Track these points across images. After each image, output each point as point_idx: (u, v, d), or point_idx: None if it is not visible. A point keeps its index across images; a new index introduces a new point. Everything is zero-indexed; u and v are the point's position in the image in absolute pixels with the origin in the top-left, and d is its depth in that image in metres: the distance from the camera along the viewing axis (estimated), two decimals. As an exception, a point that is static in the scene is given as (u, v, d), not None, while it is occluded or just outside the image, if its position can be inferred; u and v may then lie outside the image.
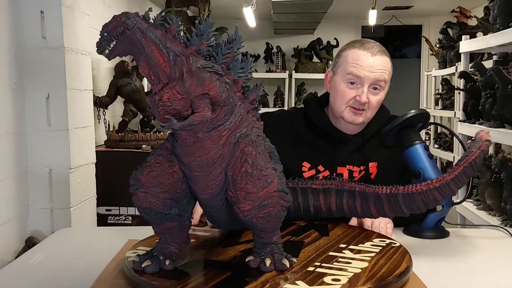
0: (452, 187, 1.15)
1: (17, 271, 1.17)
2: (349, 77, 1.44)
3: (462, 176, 1.16)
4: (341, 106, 1.46)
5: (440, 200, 1.16)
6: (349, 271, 0.98)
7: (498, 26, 2.35)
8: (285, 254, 1.00)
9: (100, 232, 1.62)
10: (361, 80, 1.42)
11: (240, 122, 0.95)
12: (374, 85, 1.43)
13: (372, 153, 1.52)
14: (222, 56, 0.92)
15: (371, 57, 1.42)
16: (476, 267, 1.22)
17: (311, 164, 1.51)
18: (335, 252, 1.09)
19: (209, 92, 0.88)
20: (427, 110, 3.60)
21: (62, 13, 2.01)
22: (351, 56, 1.44)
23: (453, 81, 4.99)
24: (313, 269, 0.99)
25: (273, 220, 0.96)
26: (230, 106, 0.92)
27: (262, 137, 0.99)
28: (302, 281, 0.93)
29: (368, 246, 1.14)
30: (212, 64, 0.90)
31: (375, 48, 1.44)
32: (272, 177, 0.94)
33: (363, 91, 1.42)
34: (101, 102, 2.76)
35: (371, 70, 1.41)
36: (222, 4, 5.12)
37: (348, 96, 1.44)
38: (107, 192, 2.61)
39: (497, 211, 2.39)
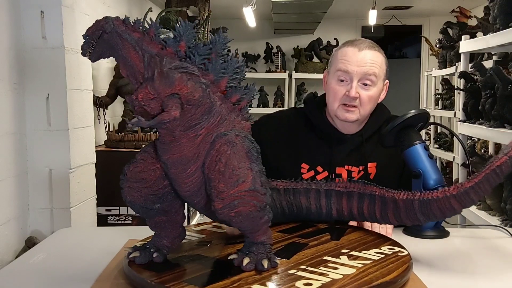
0: (471, 195, 1.05)
1: (17, 271, 1.17)
2: (338, 73, 1.45)
3: (484, 184, 1.04)
4: (334, 104, 1.47)
5: (458, 209, 1.07)
6: (330, 276, 0.96)
7: (498, 26, 2.35)
8: (270, 255, 1.00)
9: (100, 232, 1.62)
10: (349, 75, 1.43)
11: (220, 121, 0.97)
12: (363, 80, 1.43)
13: (371, 153, 1.52)
14: (200, 57, 0.95)
15: (359, 52, 1.43)
16: (476, 267, 1.22)
17: (310, 165, 1.50)
18: (331, 257, 1.07)
19: (179, 92, 0.91)
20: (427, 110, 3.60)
21: (62, 13, 2.01)
22: (340, 54, 1.47)
23: (453, 81, 5.00)
24: (294, 272, 0.98)
25: (246, 219, 0.96)
26: (207, 106, 0.95)
27: (241, 137, 0.98)
28: (273, 283, 0.93)
29: (371, 253, 1.09)
30: (186, 65, 0.94)
31: (364, 43, 1.45)
32: (245, 177, 0.94)
33: (352, 86, 1.43)
34: (101, 102, 2.76)
35: (358, 65, 1.42)
36: (222, 4, 5.12)
37: (339, 93, 1.45)
38: (107, 192, 2.60)
39: (497, 211, 2.40)
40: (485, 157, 2.71)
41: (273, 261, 0.99)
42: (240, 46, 6.27)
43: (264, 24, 6.13)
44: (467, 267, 1.20)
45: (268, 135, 1.53)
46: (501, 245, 1.38)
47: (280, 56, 6.18)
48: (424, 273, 1.07)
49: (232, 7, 5.27)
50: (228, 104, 0.99)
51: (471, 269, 1.19)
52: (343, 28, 6.38)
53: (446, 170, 5.14)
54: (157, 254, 1.04)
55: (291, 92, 6.18)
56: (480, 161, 2.51)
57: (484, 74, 2.39)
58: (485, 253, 1.31)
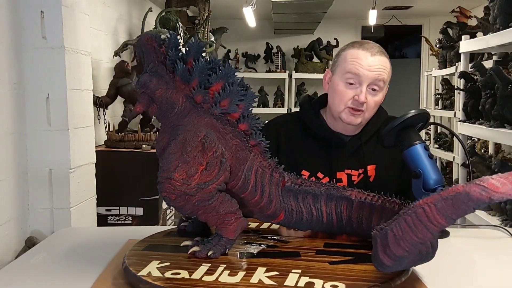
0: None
1: (17, 271, 1.17)
2: (348, 76, 1.42)
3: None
4: (339, 106, 1.45)
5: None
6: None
7: (498, 26, 2.35)
8: (222, 249, 1.08)
9: (100, 232, 1.62)
10: (360, 79, 1.41)
11: (182, 117, 1.09)
12: (372, 85, 1.42)
13: (370, 155, 1.51)
14: (169, 61, 1.08)
15: (371, 57, 1.41)
16: (476, 267, 1.22)
17: (310, 171, 1.49)
18: (296, 273, 0.99)
19: (146, 90, 1.08)
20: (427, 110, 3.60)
21: (62, 13, 2.01)
22: (350, 56, 1.43)
23: (453, 81, 5.00)
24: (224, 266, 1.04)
25: (172, 205, 1.07)
26: (171, 103, 1.09)
27: (192, 133, 1.07)
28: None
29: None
30: (156, 68, 1.09)
31: (375, 48, 1.43)
32: (168, 164, 1.05)
33: (361, 90, 1.41)
34: (101, 102, 2.76)
35: (370, 69, 1.40)
36: (222, 4, 5.12)
37: (346, 96, 1.43)
38: (107, 192, 2.60)
39: (497, 211, 2.40)
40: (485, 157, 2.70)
41: (214, 253, 1.07)
42: (240, 46, 6.27)
43: (264, 24, 6.13)
44: (467, 267, 1.20)
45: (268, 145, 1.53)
46: (501, 245, 1.38)
47: (280, 56, 6.18)
48: (424, 273, 1.07)
49: (232, 7, 5.27)
50: (190, 102, 1.09)
51: (471, 269, 1.19)
52: (343, 28, 6.38)
53: (446, 170, 5.14)
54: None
55: (291, 92, 6.18)
56: (480, 161, 2.51)
57: (484, 74, 2.40)
58: (485, 253, 1.32)
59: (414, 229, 0.87)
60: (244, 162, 1.12)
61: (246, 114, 1.11)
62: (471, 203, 0.81)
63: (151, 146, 2.80)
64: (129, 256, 1.10)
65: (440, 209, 0.85)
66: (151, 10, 3.45)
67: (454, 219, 0.85)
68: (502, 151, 3.36)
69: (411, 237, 0.87)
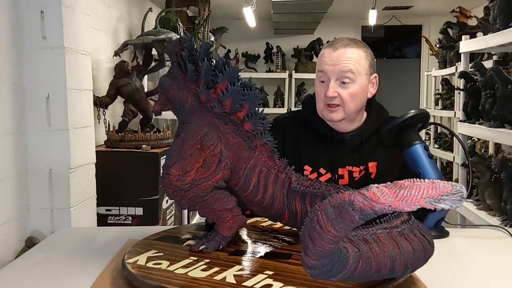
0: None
1: (17, 271, 1.17)
2: (318, 75, 1.49)
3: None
4: (319, 106, 1.50)
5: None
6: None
7: (498, 26, 2.35)
8: (216, 245, 1.12)
9: (100, 232, 1.62)
10: (326, 75, 1.45)
11: (189, 115, 1.14)
12: (341, 78, 1.44)
13: (371, 152, 1.52)
14: (182, 62, 1.13)
15: (333, 52, 1.45)
16: (476, 267, 1.22)
17: (312, 167, 1.51)
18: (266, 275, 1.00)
19: (162, 90, 1.16)
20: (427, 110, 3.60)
21: (62, 13, 2.01)
22: (320, 56, 1.51)
23: (453, 81, 5.00)
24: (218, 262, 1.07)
25: (171, 199, 1.12)
26: (182, 102, 1.14)
27: (193, 131, 1.11)
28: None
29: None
30: (173, 69, 1.15)
31: (340, 42, 1.47)
32: (169, 160, 1.10)
33: (329, 86, 1.44)
34: (101, 102, 2.76)
35: (333, 63, 1.44)
36: (222, 4, 5.12)
37: (321, 94, 1.48)
38: (107, 192, 2.60)
39: (497, 211, 2.40)
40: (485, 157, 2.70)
41: (205, 248, 1.11)
42: (240, 46, 6.27)
43: (264, 24, 6.13)
44: (467, 267, 1.20)
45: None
46: (501, 245, 1.39)
47: (280, 56, 6.18)
48: (424, 273, 1.07)
49: (232, 7, 5.27)
50: (195, 102, 1.14)
51: (471, 269, 1.19)
52: (343, 28, 6.38)
53: (446, 170, 5.15)
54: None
55: (291, 92, 6.18)
56: (480, 161, 2.51)
57: (484, 74, 2.39)
58: (485, 253, 1.32)
59: (317, 237, 0.81)
60: (247, 161, 1.13)
61: (250, 114, 1.11)
62: (355, 212, 0.77)
63: (151, 146, 2.80)
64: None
65: (329, 217, 0.79)
66: (151, 10, 3.45)
67: (344, 228, 0.78)
68: (502, 151, 3.36)
69: (319, 242, 0.81)
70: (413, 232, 0.95)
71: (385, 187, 0.76)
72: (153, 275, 0.99)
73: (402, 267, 0.91)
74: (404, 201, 0.74)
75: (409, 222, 0.97)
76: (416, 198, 0.74)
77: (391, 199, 0.75)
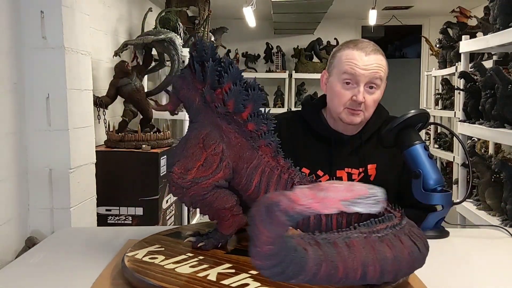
0: None
1: (17, 271, 1.17)
2: (344, 76, 1.43)
3: None
4: (338, 107, 1.46)
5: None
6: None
7: (498, 26, 2.35)
8: (214, 243, 1.14)
9: (100, 232, 1.62)
10: (356, 79, 1.41)
11: (196, 115, 1.17)
12: (370, 83, 1.42)
13: (370, 154, 1.51)
14: (196, 63, 1.15)
15: (365, 56, 1.42)
16: (476, 267, 1.22)
17: (310, 169, 1.49)
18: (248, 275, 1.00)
19: (174, 90, 1.21)
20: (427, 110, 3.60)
21: (62, 13, 2.01)
22: (345, 56, 1.44)
23: (453, 81, 4.99)
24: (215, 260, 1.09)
25: (174, 196, 1.14)
26: (191, 102, 1.17)
27: (197, 130, 1.13)
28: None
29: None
30: (184, 70, 1.18)
31: (369, 47, 1.44)
32: (172, 158, 1.13)
33: (359, 90, 1.41)
34: (101, 102, 2.76)
35: (366, 68, 1.41)
36: (222, 4, 5.12)
37: (345, 97, 1.44)
38: (107, 192, 2.60)
39: (497, 211, 2.39)
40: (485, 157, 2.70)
41: (204, 245, 1.14)
42: (240, 46, 6.27)
43: (264, 24, 6.13)
44: (467, 267, 1.20)
45: None
46: (501, 245, 1.39)
47: (280, 56, 6.18)
48: (424, 273, 1.07)
49: (232, 7, 5.27)
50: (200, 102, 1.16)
51: (471, 269, 1.19)
52: (343, 28, 6.38)
53: (446, 170, 5.14)
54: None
55: (291, 92, 6.18)
56: (480, 161, 2.51)
57: (484, 74, 2.39)
58: (485, 253, 1.32)
59: (254, 237, 0.79)
60: (249, 161, 1.13)
61: (254, 114, 1.12)
62: (281, 214, 0.75)
63: (151, 146, 2.80)
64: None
65: (262, 218, 0.77)
66: (151, 10, 3.45)
67: (274, 230, 0.77)
68: (502, 151, 3.36)
69: (257, 243, 0.79)
70: (400, 238, 0.92)
71: (307, 189, 0.75)
72: (140, 268, 1.03)
73: (376, 274, 0.88)
74: (322, 203, 0.73)
75: (395, 227, 0.93)
76: (333, 200, 0.73)
77: (310, 201, 0.74)
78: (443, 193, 1.36)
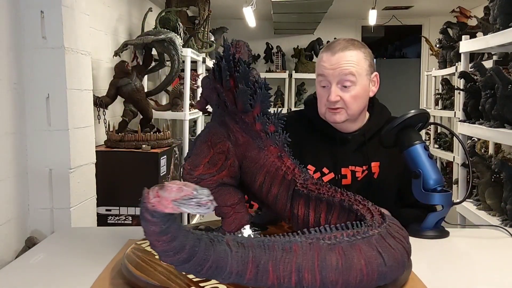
0: None
1: (17, 271, 1.17)
2: (319, 78, 1.49)
3: None
4: (321, 108, 1.51)
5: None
6: None
7: (498, 26, 2.35)
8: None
9: (100, 232, 1.63)
10: (326, 79, 1.45)
11: (214, 112, 1.21)
12: (342, 82, 1.44)
13: (374, 152, 1.52)
14: (216, 64, 1.17)
15: (332, 56, 1.44)
16: (476, 267, 1.22)
17: (316, 167, 1.51)
18: None
19: (202, 88, 1.23)
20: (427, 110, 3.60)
21: (62, 13, 2.01)
22: (319, 59, 1.51)
23: (453, 81, 5.00)
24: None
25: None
26: (211, 101, 1.21)
27: (208, 128, 1.18)
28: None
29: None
30: (209, 75, 1.19)
31: (339, 45, 1.46)
32: (190, 154, 1.16)
33: (331, 91, 1.44)
34: (101, 102, 2.76)
35: (332, 68, 1.43)
36: (222, 4, 5.12)
37: (323, 98, 1.48)
38: (107, 192, 2.60)
39: (497, 211, 2.39)
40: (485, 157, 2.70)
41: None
42: (240, 46, 6.26)
43: (264, 24, 6.13)
44: (467, 267, 1.20)
45: None
46: (501, 245, 1.39)
47: (280, 56, 6.18)
48: (424, 273, 1.07)
49: (232, 7, 5.27)
50: (220, 101, 1.18)
51: (471, 269, 1.19)
52: (343, 28, 6.38)
53: (446, 170, 5.14)
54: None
55: (291, 92, 6.18)
56: (480, 161, 2.51)
57: (484, 74, 2.39)
58: (485, 253, 1.32)
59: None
60: (254, 160, 1.13)
61: (261, 114, 1.12)
62: (144, 210, 0.77)
63: (151, 146, 2.80)
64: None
65: (147, 209, 0.78)
66: (151, 10, 3.45)
67: (153, 225, 0.78)
68: (502, 151, 3.36)
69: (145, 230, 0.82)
70: (360, 247, 0.86)
71: (157, 187, 0.76)
72: (134, 259, 1.07)
73: (316, 282, 0.85)
74: (161, 202, 0.74)
75: (357, 236, 0.88)
76: (166, 200, 0.73)
77: (155, 200, 0.75)
78: (443, 193, 1.36)
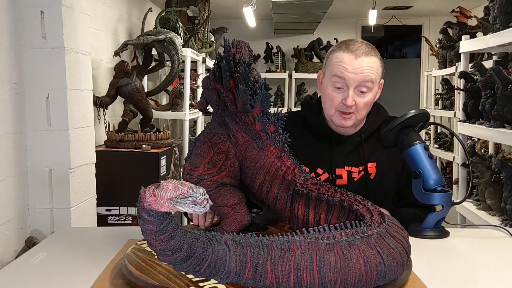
0: None
1: (17, 271, 1.17)
2: (334, 79, 1.42)
3: None
4: (330, 110, 1.46)
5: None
6: None
7: (498, 26, 2.35)
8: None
9: (100, 232, 1.63)
10: (346, 82, 1.40)
11: (214, 112, 1.21)
12: (360, 87, 1.41)
13: (370, 153, 1.51)
14: (217, 65, 1.17)
15: (355, 59, 1.39)
16: (476, 267, 1.22)
17: (310, 167, 1.49)
18: None
19: (202, 89, 1.23)
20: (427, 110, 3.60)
21: (62, 13, 2.01)
22: (336, 59, 1.43)
23: (453, 81, 4.99)
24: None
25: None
26: (212, 101, 1.20)
27: (208, 129, 1.18)
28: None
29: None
30: (209, 75, 1.18)
31: (360, 49, 1.41)
32: (190, 154, 1.16)
33: (348, 94, 1.40)
34: (101, 102, 2.76)
35: (355, 72, 1.39)
36: (222, 4, 5.12)
37: (335, 100, 1.43)
38: (107, 192, 2.60)
39: (497, 211, 2.39)
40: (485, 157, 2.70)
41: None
42: (240, 46, 6.26)
43: (264, 24, 6.13)
44: (467, 267, 1.20)
45: None
46: (501, 245, 1.38)
47: (280, 56, 6.18)
48: (424, 273, 1.07)
49: (232, 7, 5.27)
50: (220, 102, 1.18)
51: (471, 269, 1.19)
52: (343, 28, 6.38)
53: (446, 170, 5.14)
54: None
55: (291, 92, 6.18)
56: (480, 161, 2.51)
57: (484, 74, 2.39)
58: (485, 253, 1.32)
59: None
60: (254, 160, 1.13)
61: (261, 115, 1.12)
62: (141, 209, 0.78)
63: (151, 146, 2.80)
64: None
65: (144, 208, 0.79)
66: (151, 10, 3.45)
67: (150, 224, 0.79)
68: (502, 151, 3.36)
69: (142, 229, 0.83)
70: (359, 247, 0.88)
71: (153, 186, 0.76)
72: (134, 259, 1.07)
73: (314, 281, 0.85)
74: (157, 201, 0.75)
75: (356, 236, 0.89)
76: (162, 199, 0.74)
77: (151, 199, 0.75)
78: (443, 193, 1.36)
